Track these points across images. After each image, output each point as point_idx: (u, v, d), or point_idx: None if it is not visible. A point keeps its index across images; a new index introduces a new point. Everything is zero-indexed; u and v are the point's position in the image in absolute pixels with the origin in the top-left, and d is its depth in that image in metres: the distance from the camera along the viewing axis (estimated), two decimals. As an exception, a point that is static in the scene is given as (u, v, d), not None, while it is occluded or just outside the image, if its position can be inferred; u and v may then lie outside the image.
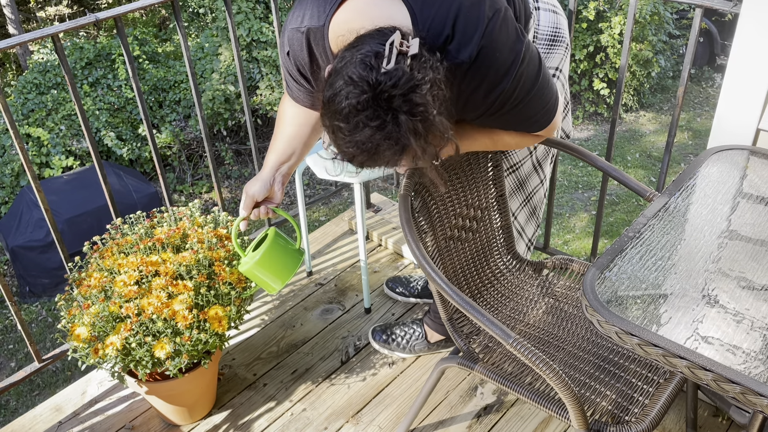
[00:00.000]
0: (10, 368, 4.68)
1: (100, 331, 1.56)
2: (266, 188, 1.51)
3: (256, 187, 1.51)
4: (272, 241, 1.56)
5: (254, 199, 1.52)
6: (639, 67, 6.99)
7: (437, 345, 2.01)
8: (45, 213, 1.80)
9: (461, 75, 1.18)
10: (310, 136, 1.54)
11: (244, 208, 1.54)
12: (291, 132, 1.52)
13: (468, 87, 1.20)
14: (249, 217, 1.55)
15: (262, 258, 1.54)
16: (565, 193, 6.06)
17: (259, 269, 1.55)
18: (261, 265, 1.55)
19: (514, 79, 1.20)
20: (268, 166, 1.52)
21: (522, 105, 1.26)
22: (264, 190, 1.51)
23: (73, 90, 1.76)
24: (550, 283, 1.69)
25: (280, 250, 1.57)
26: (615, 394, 1.37)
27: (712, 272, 1.16)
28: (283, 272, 1.57)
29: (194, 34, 7.61)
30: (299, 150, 1.53)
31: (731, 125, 1.61)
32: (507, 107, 1.25)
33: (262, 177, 1.52)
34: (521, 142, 1.44)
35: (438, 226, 1.54)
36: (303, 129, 1.51)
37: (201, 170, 6.65)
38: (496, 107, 1.24)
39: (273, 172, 1.52)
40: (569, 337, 1.53)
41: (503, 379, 1.40)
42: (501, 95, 1.21)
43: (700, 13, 1.67)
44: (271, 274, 1.57)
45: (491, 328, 1.21)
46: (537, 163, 1.75)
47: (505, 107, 1.25)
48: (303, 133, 1.52)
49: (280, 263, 1.57)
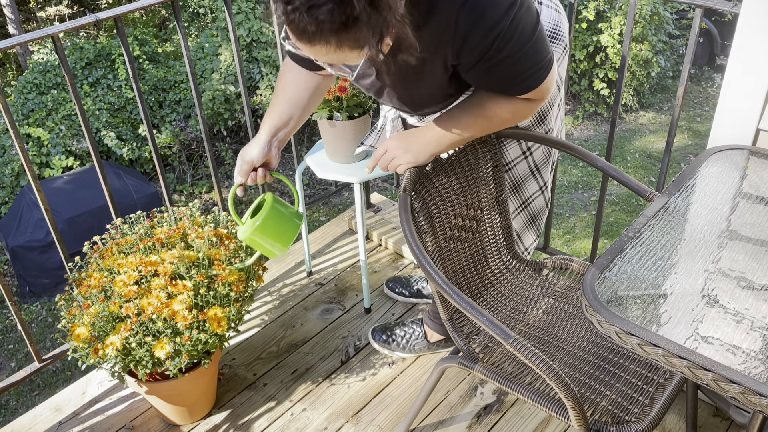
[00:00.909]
0: (10, 368, 4.68)
1: (100, 331, 1.56)
2: (264, 153, 1.50)
3: (255, 152, 1.49)
4: (271, 206, 1.51)
5: (252, 165, 1.50)
6: (639, 67, 6.99)
7: (437, 345, 2.01)
8: (45, 213, 1.80)
9: (460, 5, 1.17)
10: (309, 103, 1.53)
11: (240, 174, 1.51)
12: (290, 97, 1.51)
13: (467, 22, 1.19)
14: (246, 182, 1.52)
15: (263, 223, 1.50)
16: (565, 193, 6.07)
17: (260, 235, 1.51)
18: (261, 231, 1.51)
19: (513, 22, 1.19)
20: (265, 130, 1.50)
21: (519, 54, 1.25)
22: (262, 155, 1.49)
23: (73, 90, 1.76)
24: (550, 283, 1.69)
25: (279, 214, 1.53)
26: (615, 394, 1.37)
27: (712, 272, 1.16)
28: (284, 236, 1.53)
29: (194, 34, 7.61)
30: (297, 116, 1.52)
31: (731, 125, 1.61)
32: (504, 54, 1.23)
33: (260, 142, 1.50)
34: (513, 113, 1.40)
35: (438, 226, 1.54)
36: (302, 94, 1.50)
37: (201, 170, 6.66)
38: (494, 52, 1.22)
39: (270, 137, 1.50)
40: (569, 337, 1.53)
41: (503, 379, 1.40)
42: (499, 37, 1.20)
43: (700, 13, 1.67)
44: (273, 239, 1.52)
45: (491, 328, 1.21)
46: (534, 167, 1.72)
47: (502, 53, 1.23)
48: (302, 98, 1.51)
49: (280, 227, 1.52)
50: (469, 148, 1.59)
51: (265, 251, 1.55)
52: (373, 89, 1.43)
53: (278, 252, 1.55)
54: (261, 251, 1.56)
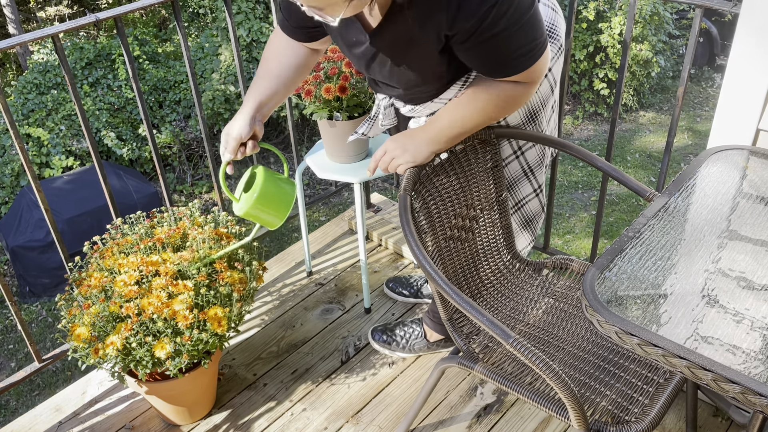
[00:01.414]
0: (10, 368, 4.68)
1: (100, 331, 1.56)
2: (251, 127, 1.50)
3: (242, 127, 1.50)
4: (265, 176, 1.53)
5: (240, 141, 1.51)
6: (639, 67, 6.99)
7: (437, 344, 2.01)
8: (45, 213, 1.80)
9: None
10: (294, 78, 1.53)
11: (229, 151, 1.52)
12: (276, 72, 1.51)
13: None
14: (235, 158, 1.53)
15: (261, 194, 1.51)
16: (565, 193, 6.07)
17: (259, 207, 1.52)
18: (260, 203, 1.52)
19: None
20: (249, 104, 1.51)
21: (515, 28, 1.24)
22: (249, 129, 1.50)
23: (73, 90, 1.76)
24: (550, 283, 1.69)
25: (274, 183, 1.54)
26: (615, 394, 1.37)
27: (712, 272, 1.16)
28: (282, 205, 1.55)
29: (194, 34, 7.61)
30: (282, 92, 1.53)
31: (731, 125, 1.61)
32: (500, 26, 1.22)
33: (245, 116, 1.50)
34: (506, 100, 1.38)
35: (438, 225, 1.54)
36: (288, 70, 1.51)
37: (201, 170, 6.66)
38: (490, 23, 1.21)
39: (255, 111, 1.51)
40: (569, 337, 1.53)
41: (503, 379, 1.40)
42: (496, 6, 1.19)
43: (700, 13, 1.67)
44: (271, 210, 1.54)
45: (491, 328, 1.21)
46: (528, 168, 1.70)
47: (498, 26, 1.22)
48: (288, 74, 1.51)
49: (277, 196, 1.54)
50: (469, 148, 1.59)
51: (265, 223, 1.56)
52: (364, 59, 1.41)
53: (278, 222, 1.56)
54: (261, 223, 1.58)
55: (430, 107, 1.53)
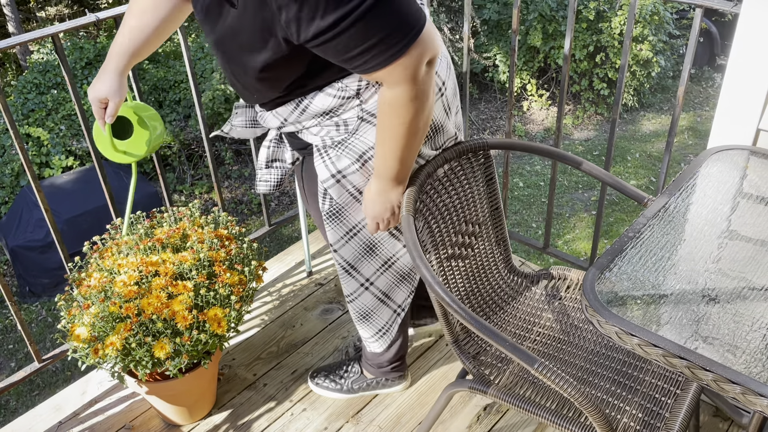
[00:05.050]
0: (10, 368, 4.68)
1: (100, 331, 1.56)
2: (119, 85, 1.50)
3: (111, 86, 1.50)
4: (135, 117, 1.68)
5: (108, 100, 1.51)
6: (639, 67, 6.99)
7: (375, 381, 1.90)
8: (45, 213, 1.80)
9: None
10: (158, 34, 1.49)
11: (108, 116, 1.53)
12: (139, 27, 1.47)
13: None
14: (111, 122, 1.55)
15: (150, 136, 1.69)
16: (565, 193, 6.07)
17: (151, 146, 1.70)
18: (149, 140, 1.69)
19: None
20: (113, 62, 1.49)
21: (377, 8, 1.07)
22: (117, 87, 1.50)
23: (73, 90, 1.76)
24: (549, 296, 1.67)
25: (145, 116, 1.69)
26: (635, 410, 1.34)
27: (712, 272, 1.16)
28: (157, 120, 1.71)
29: (194, 34, 7.61)
30: (146, 49, 1.50)
31: (731, 125, 1.61)
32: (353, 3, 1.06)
33: (111, 76, 1.50)
34: (401, 108, 1.22)
35: (440, 244, 1.52)
36: (151, 25, 1.47)
37: (201, 170, 6.65)
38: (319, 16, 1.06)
39: (121, 69, 1.50)
40: (578, 351, 1.50)
41: (523, 403, 1.34)
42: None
43: (700, 13, 1.67)
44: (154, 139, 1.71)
45: (515, 353, 1.18)
46: (357, 192, 1.48)
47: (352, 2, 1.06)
48: (151, 30, 1.48)
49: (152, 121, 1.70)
50: (464, 161, 1.57)
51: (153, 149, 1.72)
52: (215, 35, 1.29)
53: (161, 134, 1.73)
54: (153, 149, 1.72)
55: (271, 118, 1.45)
